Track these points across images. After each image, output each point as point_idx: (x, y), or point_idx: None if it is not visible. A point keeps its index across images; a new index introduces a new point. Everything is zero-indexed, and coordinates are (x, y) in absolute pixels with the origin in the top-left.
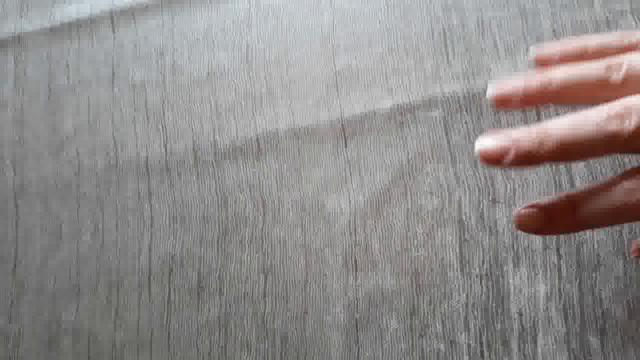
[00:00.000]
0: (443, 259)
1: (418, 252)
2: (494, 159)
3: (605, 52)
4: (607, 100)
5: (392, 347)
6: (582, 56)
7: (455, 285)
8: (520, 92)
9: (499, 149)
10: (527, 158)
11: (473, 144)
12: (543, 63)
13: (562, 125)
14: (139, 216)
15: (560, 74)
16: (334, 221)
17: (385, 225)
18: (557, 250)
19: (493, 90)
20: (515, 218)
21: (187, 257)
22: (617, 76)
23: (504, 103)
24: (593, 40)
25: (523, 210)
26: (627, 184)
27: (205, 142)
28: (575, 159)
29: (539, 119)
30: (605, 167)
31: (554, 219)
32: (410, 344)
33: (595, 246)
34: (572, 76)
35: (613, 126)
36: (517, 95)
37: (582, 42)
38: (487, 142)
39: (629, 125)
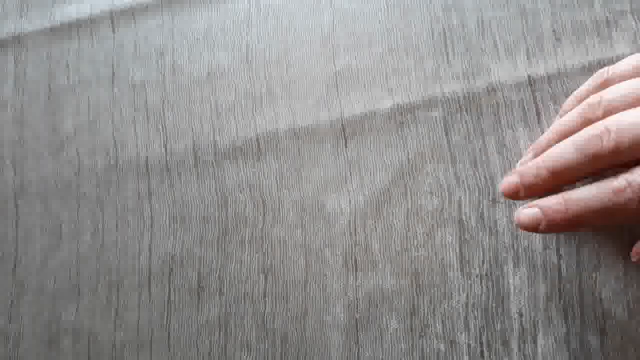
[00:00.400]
0: (443, 259)
1: (418, 252)
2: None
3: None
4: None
5: (392, 347)
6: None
7: (455, 285)
8: (536, 149)
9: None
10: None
11: (473, 144)
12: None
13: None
14: (139, 216)
15: (554, 129)
16: (334, 221)
17: (385, 225)
18: (557, 250)
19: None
20: (516, 218)
21: (187, 257)
22: (597, 113)
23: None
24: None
25: (523, 211)
26: (616, 185)
27: (205, 142)
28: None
29: (538, 119)
30: None
31: (550, 219)
32: (410, 344)
33: (595, 246)
34: (564, 126)
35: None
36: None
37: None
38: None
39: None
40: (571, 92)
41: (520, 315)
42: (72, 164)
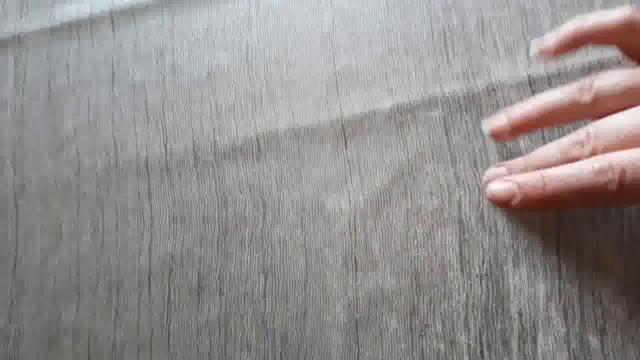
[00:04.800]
0: (443, 259)
1: (418, 252)
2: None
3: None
4: (585, 116)
5: (392, 347)
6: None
7: (455, 285)
8: (508, 124)
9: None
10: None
11: (473, 144)
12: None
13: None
14: (139, 216)
15: (539, 102)
16: (334, 221)
17: (385, 225)
18: (557, 250)
19: (486, 127)
20: (488, 192)
21: (187, 257)
22: (587, 97)
23: (498, 136)
24: (588, 24)
25: (497, 184)
26: (596, 166)
27: (205, 142)
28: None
29: None
30: None
31: (526, 194)
32: (410, 344)
33: (595, 246)
34: (550, 103)
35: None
36: (507, 128)
37: (577, 26)
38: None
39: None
40: None
41: (520, 315)
42: (72, 164)
